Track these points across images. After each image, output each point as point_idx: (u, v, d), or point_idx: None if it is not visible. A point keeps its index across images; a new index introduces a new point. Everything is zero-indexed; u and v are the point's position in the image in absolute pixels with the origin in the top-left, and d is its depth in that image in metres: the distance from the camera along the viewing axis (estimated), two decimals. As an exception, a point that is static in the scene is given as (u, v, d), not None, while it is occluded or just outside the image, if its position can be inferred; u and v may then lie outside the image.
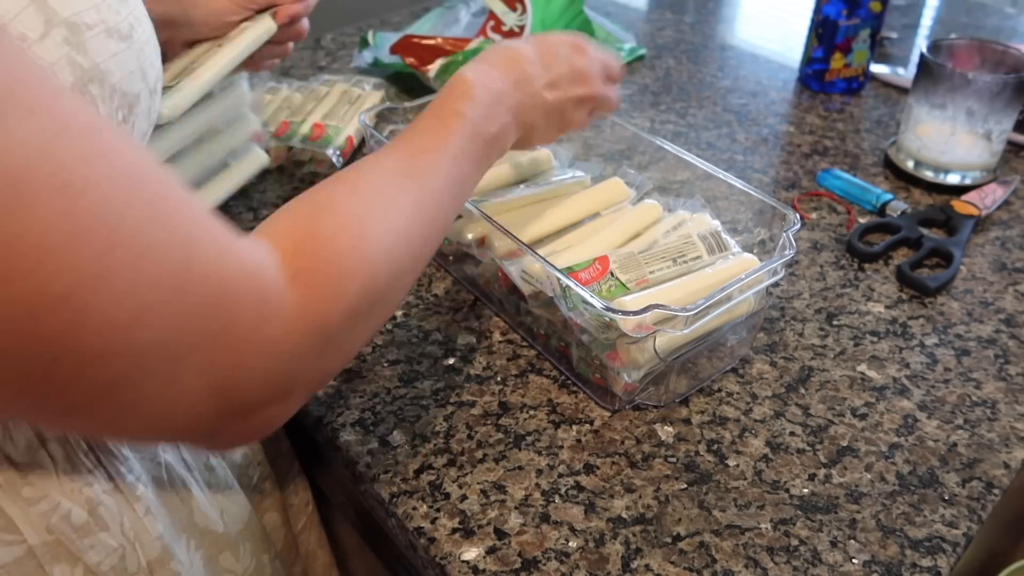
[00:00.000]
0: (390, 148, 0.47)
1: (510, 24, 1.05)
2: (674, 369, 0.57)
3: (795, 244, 0.58)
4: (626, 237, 0.64)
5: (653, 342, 0.54)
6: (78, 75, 0.36)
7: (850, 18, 0.99)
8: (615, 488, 0.54)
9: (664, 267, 0.59)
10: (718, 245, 0.61)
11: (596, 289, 0.57)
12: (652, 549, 0.50)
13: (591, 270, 0.58)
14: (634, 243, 0.63)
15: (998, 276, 0.74)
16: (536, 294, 0.60)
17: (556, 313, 0.59)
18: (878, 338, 0.67)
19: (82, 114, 0.29)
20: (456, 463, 0.55)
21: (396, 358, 0.64)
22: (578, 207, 0.68)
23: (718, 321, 0.57)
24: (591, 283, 0.57)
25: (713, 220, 0.64)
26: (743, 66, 1.12)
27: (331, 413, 0.59)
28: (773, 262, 0.57)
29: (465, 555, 0.50)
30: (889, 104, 1.03)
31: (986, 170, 0.86)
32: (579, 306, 0.55)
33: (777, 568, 0.49)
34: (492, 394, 0.61)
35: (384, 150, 0.47)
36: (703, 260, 0.60)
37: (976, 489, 0.55)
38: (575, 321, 0.56)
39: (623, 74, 0.65)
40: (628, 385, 0.57)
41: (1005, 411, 0.60)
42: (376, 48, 1.08)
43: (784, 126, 0.98)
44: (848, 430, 0.59)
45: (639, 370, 0.56)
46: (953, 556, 0.50)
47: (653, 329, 0.53)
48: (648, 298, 0.55)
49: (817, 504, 0.53)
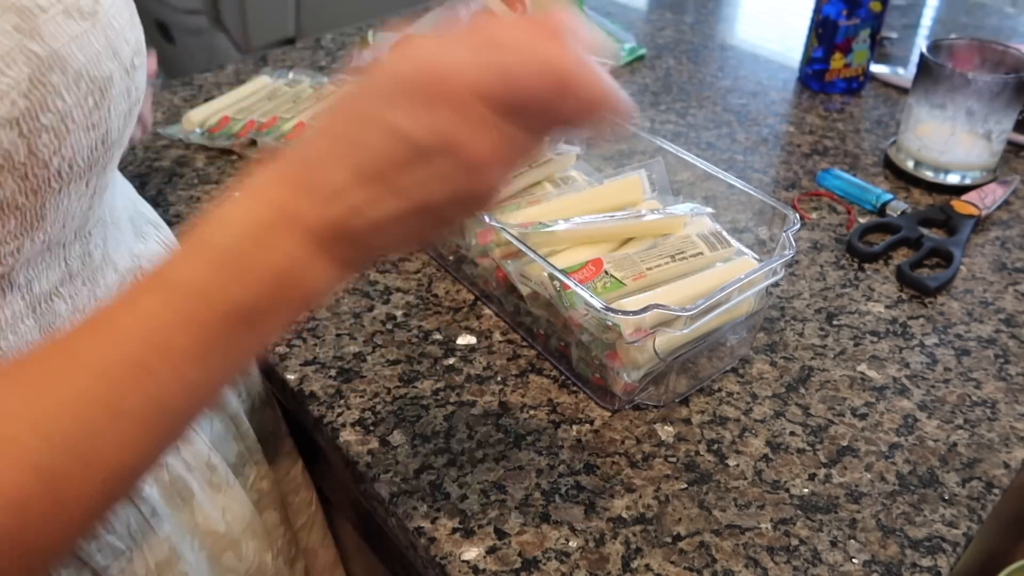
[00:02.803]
0: (25, 362, 0.31)
1: (510, 24, 1.05)
2: (674, 369, 0.57)
3: (795, 244, 0.58)
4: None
5: (653, 342, 0.54)
6: (34, 65, 0.32)
7: (850, 18, 0.99)
8: (615, 488, 0.54)
9: (662, 263, 0.58)
10: (719, 242, 0.61)
11: (591, 287, 0.56)
12: (652, 549, 0.50)
13: (584, 271, 0.57)
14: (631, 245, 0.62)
15: (998, 276, 0.74)
16: (535, 295, 0.60)
17: (555, 313, 0.59)
18: (878, 338, 0.67)
19: None
20: (456, 463, 0.55)
21: (396, 358, 0.64)
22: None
23: (718, 321, 0.57)
24: (585, 282, 0.56)
25: (713, 223, 0.64)
26: (743, 66, 1.12)
27: (331, 413, 0.59)
28: (773, 262, 0.57)
29: (465, 555, 0.50)
30: (889, 104, 1.03)
31: (986, 170, 0.86)
32: (576, 305, 0.54)
33: (777, 568, 0.49)
34: (492, 394, 0.61)
35: (13, 365, 0.31)
36: (704, 257, 0.60)
37: (976, 489, 0.55)
38: (575, 321, 0.56)
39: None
40: (628, 385, 0.57)
41: (1005, 411, 0.60)
42: (376, 48, 1.08)
43: (784, 126, 0.98)
44: (848, 430, 0.59)
45: (639, 370, 0.56)
46: (953, 556, 0.50)
47: (651, 331, 0.53)
48: (647, 299, 0.55)
49: (817, 504, 0.53)
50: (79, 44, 0.34)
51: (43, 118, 0.33)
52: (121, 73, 0.37)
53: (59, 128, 0.34)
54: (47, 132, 0.34)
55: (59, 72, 0.33)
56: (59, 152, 0.35)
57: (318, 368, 0.62)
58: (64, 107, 0.34)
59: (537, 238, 0.59)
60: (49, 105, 0.33)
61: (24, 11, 0.32)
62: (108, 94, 0.36)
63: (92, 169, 0.38)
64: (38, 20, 0.32)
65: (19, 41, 0.32)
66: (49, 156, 0.34)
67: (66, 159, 0.35)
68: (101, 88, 0.35)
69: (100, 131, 0.37)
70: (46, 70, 0.33)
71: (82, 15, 0.34)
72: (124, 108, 0.38)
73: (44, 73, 0.32)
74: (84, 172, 0.37)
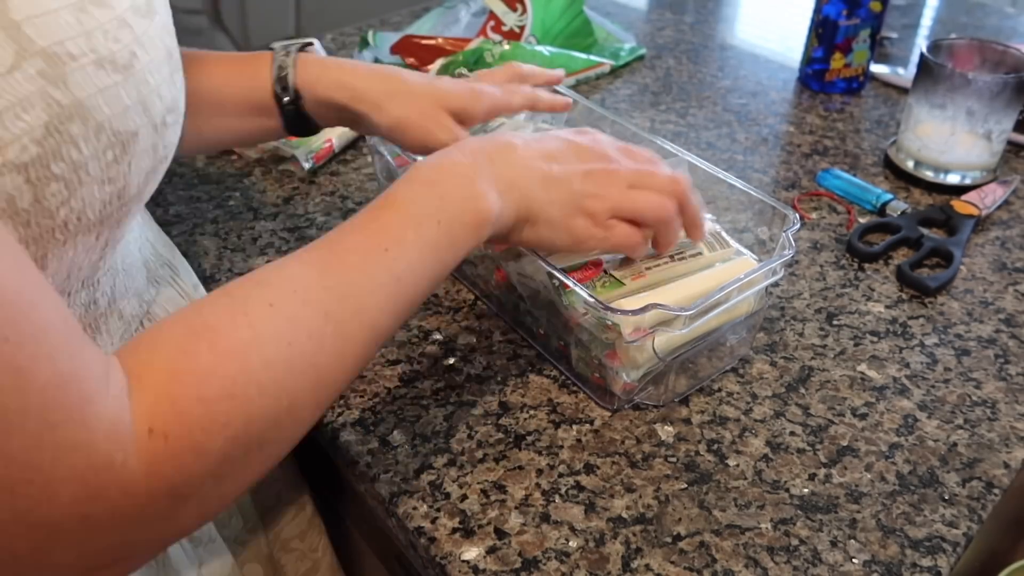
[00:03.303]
0: (304, 250, 0.42)
1: (510, 24, 1.06)
2: (673, 368, 0.57)
3: (794, 244, 0.58)
4: None
5: (652, 342, 0.54)
6: (53, 112, 0.31)
7: (850, 18, 0.99)
8: (615, 488, 0.54)
9: (662, 263, 0.58)
10: (719, 242, 0.61)
11: (590, 286, 0.56)
12: (652, 549, 0.50)
13: (584, 271, 0.57)
14: None
15: (998, 276, 0.74)
16: (535, 294, 0.60)
17: (556, 313, 0.59)
18: (878, 338, 0.67)
19: None
20: (456, 463, 0.55)
21: (396, 358, 0.64)
22: None
23: (717, 321, 0.57)
24: (584, 282, 0.56)
25: (714, 223, 0.64)
26: (743, 66, 1.12)
27: (331, 413, 0.59)
28: (772, 262, 0.57)
29: (465, 555, 0.50)
30: (889, 104, 1.03)
31: (986, 170, 0.86)
32: (576, 304, 0.54)
33: (777, 568, 0.49)
34: (492, 394, 0.61)
35: (298, 252, 0.42)
36: (704, 257, 0.60)
37: (976, 489, 0.55)
38: (574, 320, 0.56)
39: (675, 187, 0.54)
40: (627, 385, 0.57)
41: (1005, 411, 0.60)
42: (376, 48, 1.08)
43: (784, 126, 0.98)
44: (848, 430, 0.59)
45: (638, 370, 0.56)
46: (953, 556, 0.50)
47: (651, 331, 0.53)
48: (646, 298, 0.55)
49: (817, 504, 0.53)
50: (107, 97, 0.33)
51: (54, 167, 0.32)
52: (149, 130, 0.36)
53: (70, 179, 0.33)
54: (56, 181, 0.32)
55: (80, 122, 0.32)
56: (68, 203, 0.33)
57: (318, 368, 0.62)
58: (79, 158, 0.33)
59: None
60: (63, 155, 0.32)
61: (53, 57, 0.31)
62: (131, 149, 0.35)
63: (104, 223, 0.36)
64: (66, 68, 0.31)
65: (41, 87, 0.31)
66: (56, 206, 0.33)
67: (75, 211, 0.34)
68: (124, 143, 0.34)
69: (117, 185, 0.35)
70: (65, 119, 0.32)
71: (115, 68, 0.33)
72: (148, 165, 0.37)
73: (63, 122, 0.32)
74: (95, 225, 0.36)
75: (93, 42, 0.32)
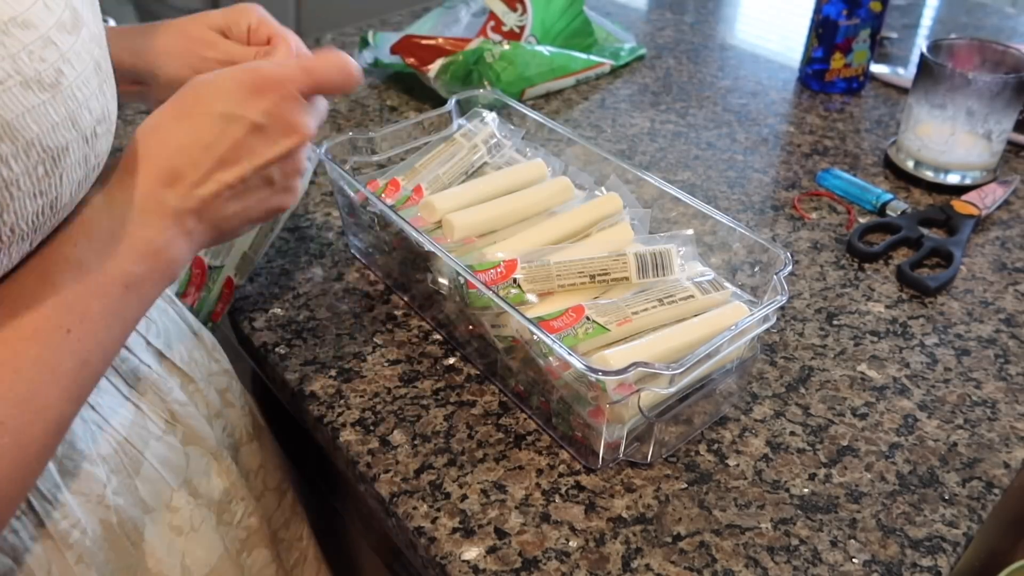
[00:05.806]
0: None
1: (510, 24, 1.06)
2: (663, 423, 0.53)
3: (786, 288, 0.55)
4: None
5: (638, 399, 0.51)
6: None
7: (850, 18, 0.99)
8: (615, 488, 0.54)
9: (649, 307, 0.54)
10: (712, 285, 0.57)
11: (572, 334, 0.52)
12: (652, 549, 0.50)
13: (564, 318, 0.53)
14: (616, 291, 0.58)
15: (998, 276, 0.74)
16: (511, 349, 0.57)
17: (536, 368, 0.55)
18: (878, 338, 0.67)
19: None
20: (456, 463, 0.55)
21: (396, 358, 0.64)
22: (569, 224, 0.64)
23: (707, 370, 0.54)
24: (563, 329, 0.52)
25: (704, 264, 0.61)
26: (743, 66, 1.13)
27: (331, 413, 0.59)
28: (765, 308, 0.54)
29: (465, 555, 0.50)
30: (889, 104, 1.03)
31: (986, 170, 0.86)
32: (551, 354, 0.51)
33: (777, 568, 0.49)
34: (492, 393, 0.61)
35: None
36: (696, 301, 0.56)
37: (976, 489, 0.55)
38: (554, 374, 0.52)
39: (346, 72, 0.48)
40: (611, 443, 0.53)
41: (1005, 411, 0.60)
42: (376, 48, 1.08)
43: (784, 126, 0.98)
44: (848, 430, 0.59)
45: (623, 426, 0.53)
46: (953, 556, 0.50)
47: (636, 389, 0.50)
48: (633, 349, 0.52)
49: (817, 504, 0.53)
50: (34, 115, 0.32)
51: None
52: (79, 143, 0.35)
53: (2, 196, 0.33)
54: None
55: (8, 142, 0.32)
56: (0, 218, 0.33)
57: (318, 368, 0.62)
58: (10, 175, 0.32)
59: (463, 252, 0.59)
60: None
61: None
62: (61, 163, 0.35)
63: (37, 232, 0.36)
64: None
65: None
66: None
67: (7, 224, 0.34)
68: (55, 158, 0.34)
69: (49, 197, 0.35)
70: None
71: (42, 87, 0.33)
72: (79, 175, 0.37)
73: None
74: (28, 235, 0.35)
75: (18, 64, 0.32)
